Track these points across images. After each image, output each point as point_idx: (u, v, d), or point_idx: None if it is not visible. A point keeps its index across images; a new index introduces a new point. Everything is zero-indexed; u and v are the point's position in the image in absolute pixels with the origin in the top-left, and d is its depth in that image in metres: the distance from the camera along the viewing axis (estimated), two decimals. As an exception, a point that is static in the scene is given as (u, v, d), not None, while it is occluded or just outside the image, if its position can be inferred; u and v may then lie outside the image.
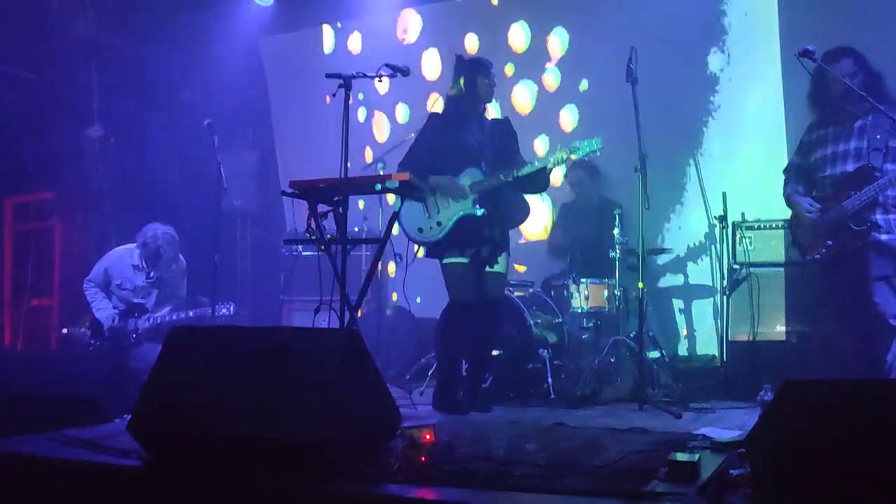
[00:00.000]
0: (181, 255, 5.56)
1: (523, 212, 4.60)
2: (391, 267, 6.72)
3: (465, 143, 4.23)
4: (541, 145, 6.48)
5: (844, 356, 4.10)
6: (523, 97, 6.67)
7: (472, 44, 6.85)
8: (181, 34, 6.77)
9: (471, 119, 4.32)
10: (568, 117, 6.48)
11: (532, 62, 6.64)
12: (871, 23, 4.91)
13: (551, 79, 6.58)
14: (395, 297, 6.75)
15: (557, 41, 6.55)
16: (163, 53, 6.70)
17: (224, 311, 5.14)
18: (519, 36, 6.72)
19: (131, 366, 4.98)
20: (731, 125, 5.79)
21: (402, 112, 7.20)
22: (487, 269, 4.26)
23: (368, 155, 7.22)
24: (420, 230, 4.21)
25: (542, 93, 6.61)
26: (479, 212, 4.14)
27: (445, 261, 4.24)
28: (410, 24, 7.21)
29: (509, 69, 6.68)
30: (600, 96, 6.15)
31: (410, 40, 7.21)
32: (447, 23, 7.06)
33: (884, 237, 3.77)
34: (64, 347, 5.84)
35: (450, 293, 4.25)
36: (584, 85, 6.40)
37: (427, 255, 4.33)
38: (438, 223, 4.17)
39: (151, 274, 5.39)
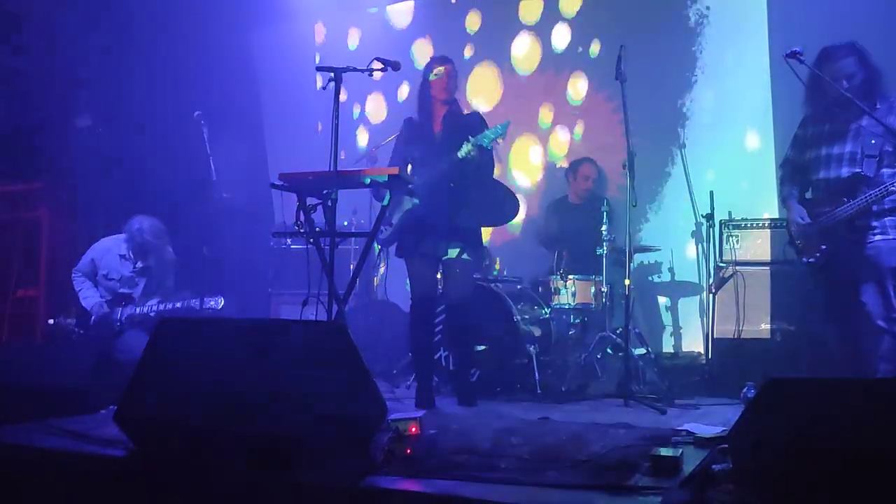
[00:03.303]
0: (169, 247, 5.54)
1: (507, 206, 4.60)
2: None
3: (422, 145, 4.32)
4: (547, 114, 6.52)
5: (829, 355, 4.12)
6: (526, 56, 6.67)
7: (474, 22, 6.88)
8: (171, 25, 6.73)
9: (434, 118, 4.37)
10: (578, 85, 6.47)
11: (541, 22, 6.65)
12: (862, 17, 4.91)
13: (560, 39, 6.57)
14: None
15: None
16: (153, 44, 6.66)
17: (212, 303, 5.13)
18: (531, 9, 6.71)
19: (116, 356, 4.96)
20: (720, 123, 5.82)
21: (404, 91, 7.18)
22: (448, 257, 4.30)
23: (362, 138, 7.24)
24: (381, 231, 4.34)
25: (549, 54, 6.61)
26: (415, 202, 4.20)
27: (406, 258, 4.36)
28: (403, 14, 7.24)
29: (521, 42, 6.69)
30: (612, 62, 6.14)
31: (402, 26, 7.22)
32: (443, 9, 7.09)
33: (878, 238, 3.74)
34: (50, 338, 5.81)
35: (411, 290, 4.37)
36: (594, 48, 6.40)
37: (396, 254, 4.45)
38: (391, 224, 4.32)
39: (138, 264, 5.39)
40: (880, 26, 4.74)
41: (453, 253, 4.29)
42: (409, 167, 4.34)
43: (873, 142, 3.74)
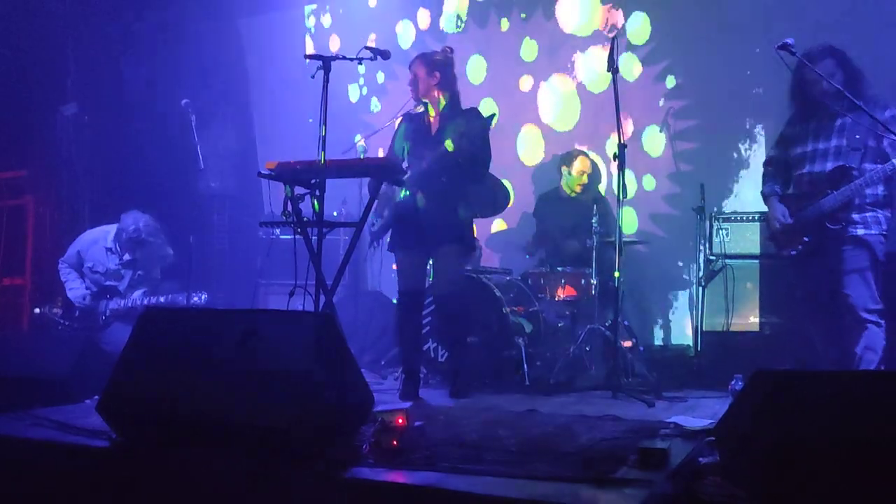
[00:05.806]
0: (163, 242, 5.51)
1: (499, 197, 4.60)
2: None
3: (418, 139, 4.32)
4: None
5: (816, 347, 4.15)
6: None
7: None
8: (160, 11, 6.68)
9: (429, 113, 4.37)
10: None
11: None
12: (853, 12, 4.91)
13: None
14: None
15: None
16: (141, 31, 6.61)
17: (195, 299, 5.10)
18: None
19: (102, 347, 4.93)
20: (709, 116, 5.80)
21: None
22: (438, 250, 4.28)
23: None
24: (372, 224, 4.41)
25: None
26: (405, 194, 4.23)
27: (395, 251, 4.37)
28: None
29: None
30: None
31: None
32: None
33: (860, 232, 3.82)
34: (35, 327, 5.77)
35: (398, 283, 4.37)
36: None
37: (388, 248, 4.44)
38: (381, 216, 4.37)
39: (125, 257, 5.36)
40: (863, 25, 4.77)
41: (444, 246, 4.26)
42: (405, 162, 4.33)
43: (858, 136, 3.83)
